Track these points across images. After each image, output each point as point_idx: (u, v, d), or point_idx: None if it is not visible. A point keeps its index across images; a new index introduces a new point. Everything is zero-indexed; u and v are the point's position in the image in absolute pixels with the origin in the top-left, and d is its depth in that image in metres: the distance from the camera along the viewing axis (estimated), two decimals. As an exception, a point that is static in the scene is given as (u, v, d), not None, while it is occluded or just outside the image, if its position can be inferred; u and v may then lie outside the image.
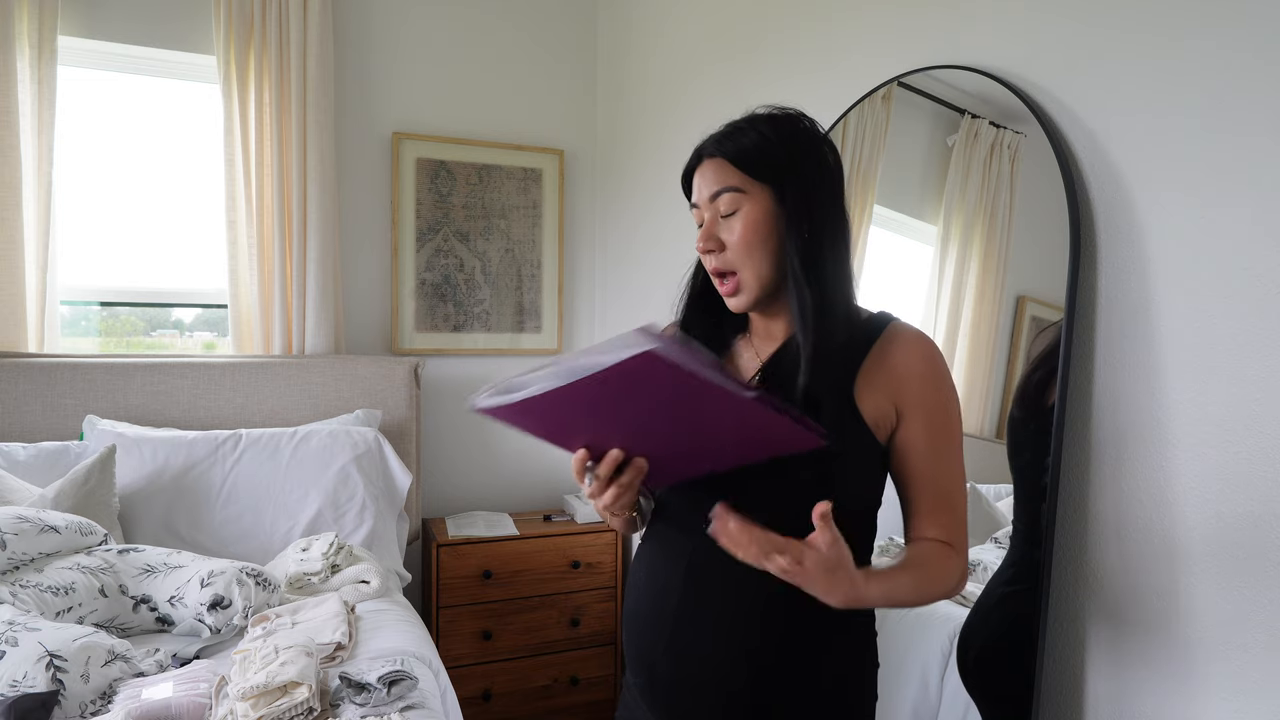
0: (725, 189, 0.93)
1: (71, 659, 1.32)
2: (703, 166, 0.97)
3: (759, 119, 0.96)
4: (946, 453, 0.93)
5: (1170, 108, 1.08)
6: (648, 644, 0.99)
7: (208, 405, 2.31)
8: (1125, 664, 1.14)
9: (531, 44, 2.86)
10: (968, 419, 1.41)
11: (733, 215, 0.93)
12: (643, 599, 1.01)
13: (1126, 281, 1.13)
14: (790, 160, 0.93)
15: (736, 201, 0.93)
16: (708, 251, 0.95)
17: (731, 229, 0.93)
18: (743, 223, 0.92)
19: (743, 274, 0.94)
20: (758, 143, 0.93)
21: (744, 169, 0.93)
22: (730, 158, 0.94)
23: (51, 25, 2.18)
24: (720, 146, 0.95)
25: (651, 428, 0.81)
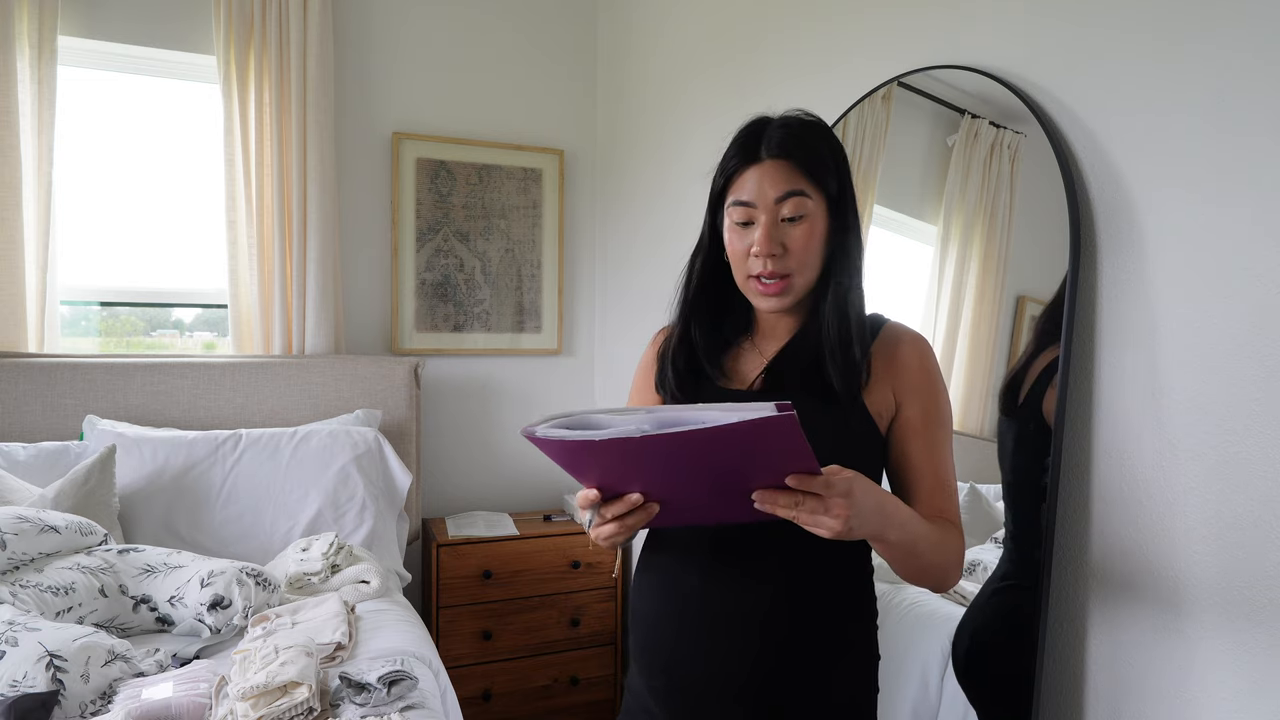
0: (794, 192, 0.92)
1: (71, 659, 1.32)
2: (764, 166, 0.94)
3: (804, 122, 0.96)
4: (943, 441, 0.98)
5: (1170, 107, 1.07)
6: (665, 646, 0.99)
7: (208, 405, 2.31)
8: (1125, 664, 1.14)
9: (531, 44, 2.86)
10: (968, 419, 1.41)
11: (797, 220, 0.93)
12: (657, 600, 1.01)
13: (1126, 281, 1.13)
14: (841, 173, 0.96)
15: (803, 207, 0.92)
16: (769, 255, 0.93)
17: (794, 234, 0.93)
18: (808, 230, 0.93)
19: (796, 278, 0.94)
20: (819, 150, 0.94)
21: (810, 175, 0.93)
22: (799, 162, 0.93)
23: (51, 25, 2.18)
24: (788, 149, 0.93)
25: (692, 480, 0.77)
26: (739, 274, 0.98)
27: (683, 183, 2.35)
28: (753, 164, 0.94)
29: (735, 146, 0.97)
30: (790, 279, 0.94)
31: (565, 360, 2.98)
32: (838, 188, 0.95)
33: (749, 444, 0.70)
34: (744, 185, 0.95)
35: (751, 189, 0.94)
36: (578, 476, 0.81)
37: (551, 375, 2.96)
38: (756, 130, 0.96)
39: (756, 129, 0.96)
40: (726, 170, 0.97)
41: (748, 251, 0.94)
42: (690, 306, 1.04)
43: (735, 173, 0.96)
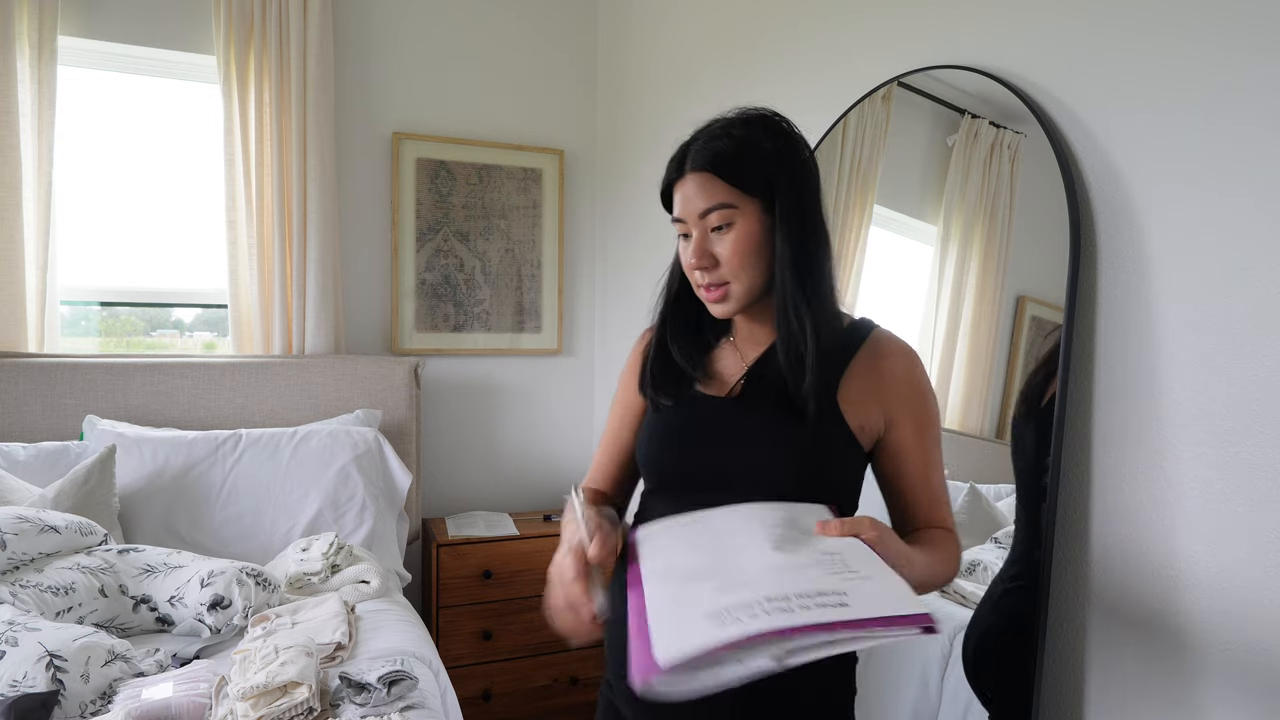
0: (716, 206, 0.91)
1: (71, 659, 1.32)
2: (685, 181, 0.94)
3: (736, 124, 0.94)
4: (937, 453, 0.98)
5: (1170, 107, 1.08)
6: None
7: (208, 405, 2.31)
8: (1126, 665, 1.14)
9: (531, 44, 2.86)
10: (968, 419, 1.41)
11: (724, 230, 0.92)
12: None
13: (1126, 281, 1.13)
14: (777, 169, 0.92)
15: (728, 217, 0.91)
16: (701, 268, 0.93)
17: (723, 244, 0.92)
18: (735, 239, 0.91)
19: (734, 286, 0.93)
20: (744, 153, 0.92)
21: (733, 183, 0.91)
22: (718, 172, 0.91)
23: (51, 25, 2.18)
24: (705, 160, 0.92)
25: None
26: (693, 282, 0.98)
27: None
28: (679, 179, 0.95)
29: (669, 162, 0.97)
30: (728, 286, 0.93)
31: (565, 360, 2.98)
32: (773, 190, 0.92)
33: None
34: (676, 201, 0.95)
35: (680, 205, 0.94)
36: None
37: (551, 375, 2.96)
38: (685, 145, 0.96)
39: (686, 143, 0.96)
40: (662, 186, 0.98)
41: (687, 264, 0.96)
42: (669, 310, 1.04)
43: (671, 187, 0.97)
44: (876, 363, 0.96)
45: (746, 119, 0.95)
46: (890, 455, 0.97)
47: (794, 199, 0.92)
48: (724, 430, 0.96)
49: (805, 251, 0.92)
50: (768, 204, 0.92)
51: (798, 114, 1.81)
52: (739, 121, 0.95)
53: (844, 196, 1.68)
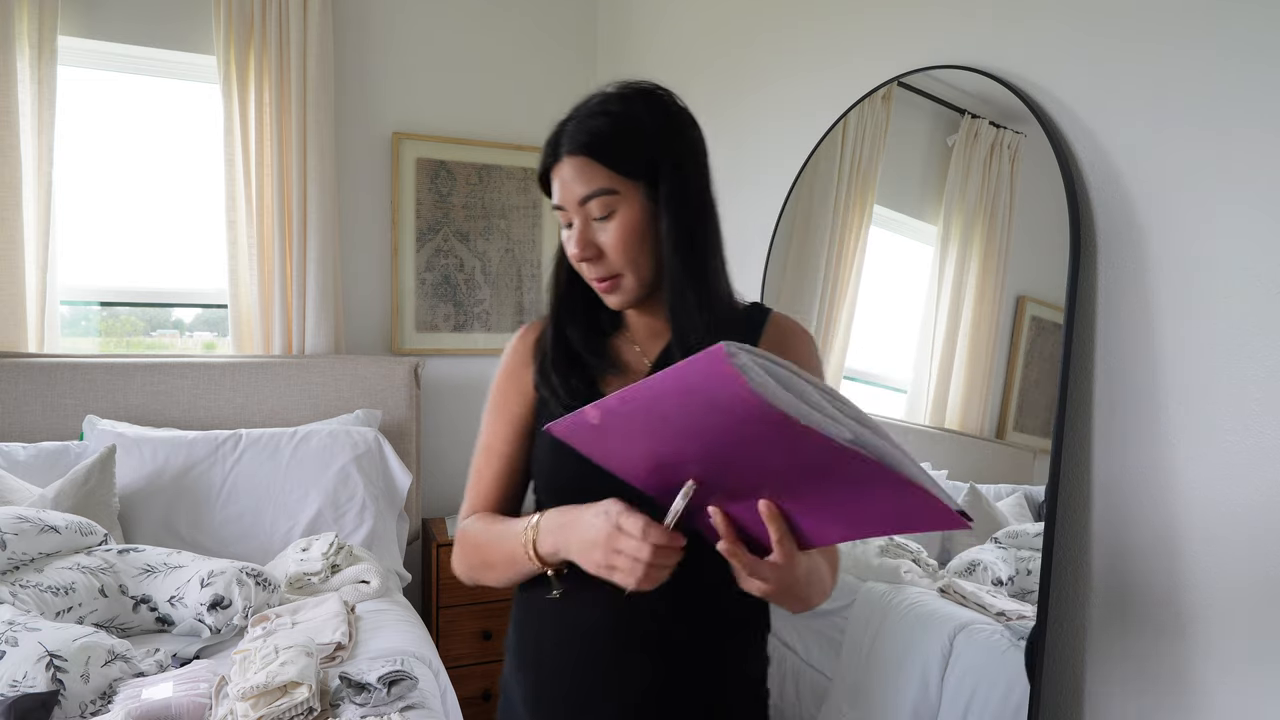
0: (596, 193, 0.84)
1: (71, 659, 1.32)
2: (562, 166, 0.86)
3: (614, 100, 0.87)
4: None
5: (1170, 107, 1.07)
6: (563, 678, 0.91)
7: (208, 405, 2.31)
8: (1126, 665, 1.14)
9: (531, 44, 2.86)
10: (967, 419, 1.41)
11: (607, 218, 0.85)
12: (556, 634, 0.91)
13: (1126, 281, 1.13)
14: (661, 150, 0.86)
15: (610, 204, 0.84)
16: (584, 260, 0.87)
17: (607, 232, 0.85)
18: (620, 226, 0.85)
19: (625, 278, 0.87)
20: (623, 134, 0.85)
21: (613, 167, 0.84)
22: (596, 156, 0.84)
23: (51, 25, 2.18)
24: (581, 142, 0.84)
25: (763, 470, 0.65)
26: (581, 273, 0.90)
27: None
28: (555, 164, 0.87)
29: (544, 144, 0.89)
30: (619, 278, 0.87)
31: (565, 360, 2.97)
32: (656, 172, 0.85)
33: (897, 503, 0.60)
34: (554, 188, 0.88)
35: (558, 192, 0.87)
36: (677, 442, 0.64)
37: (551, 375, 2.95)
38: (562, 124, 0.88)
39: (562, 122, 0.88)
40: (538, 172, 0.90)
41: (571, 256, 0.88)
42: (561, 303, 0.96)
43: (547, 173, 0.89)
44: (784, 345, 0.93)
45: (624, 94, 0.88)
46: None
47: (679, 181, 0.86)
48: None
49: (693, 237, 0.87)
50: (652, 187, 0.85)
51: (798, 114, 1.83)
52: (616, 97, 0.87)
53: (844, 196, 1.68)
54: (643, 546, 0.72)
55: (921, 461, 1.49)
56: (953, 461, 1.44)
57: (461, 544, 0.96)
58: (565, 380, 0.91)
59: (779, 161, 1.88)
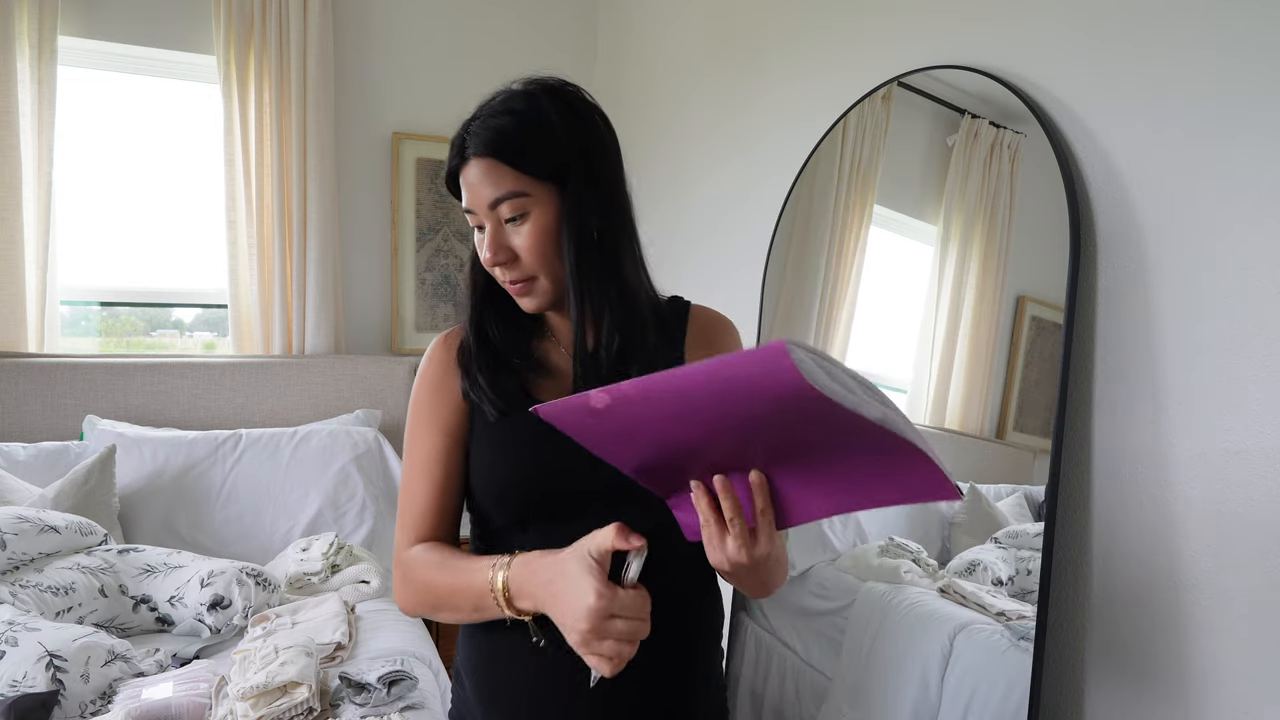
0: (505, 196, 0.81)
1: (71, 659, 1.32)
2: (469, 168, 0.83)
3: (518, 98, 0.84)
4: None
5: (1170, 107, 1.07)
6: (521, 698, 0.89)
7: (208, 405, 2.31)
8: (1126, 666, 1.14)
9: (531, 44, 2.86)
10: (967, 419, 1.41)
11: (519, 221, 0.82)
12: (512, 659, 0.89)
13: (1126, 281, 1.13)
14: (569, 149, 0.83)
15: (521, 206, 0.82)
16: (500, 264, 0.84)
17: (520, 235, 0.82)
18: (533, 231, 0.82)
19: (540, 281, 0.85)
20: (530, 134, 0.82)
21: (521, 169, 0.81)
22: (503, 158, 0.81)
23: (51, 25, 2.18)
24: (485, 143, 0.81)
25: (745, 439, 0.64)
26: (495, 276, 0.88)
27: (682, 181, 2.35)
28: (463, 165, 0.84)
29: (453, 141, 0.86)
30: (533, 281, 0.85)
31: (565, 360, 2.98)
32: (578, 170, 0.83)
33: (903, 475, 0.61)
34: (463, 190, 0.85)
35: (467, 195, 0.84)
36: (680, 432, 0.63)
37: (551, 375, 2.96)
38: (466, 125, 0.85)
39: (466, 123, 0.85)
40: (446, 174, 0.87)
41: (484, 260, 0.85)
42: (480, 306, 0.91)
43: (456, 173, 0.86)
44: (708, 338, 0.93)
45: (530, 92, 0.84)
46: None
47: (589, 181, 0.84)
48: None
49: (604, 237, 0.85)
50: (562, 187, 0.83)
51: (798, 114, 1.83)
52: (521, 95, 0.84)
53: (844, 196, 1.68)
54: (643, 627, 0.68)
55: (921, 461, 1.49)
56: (953, 461, 1.44)
57: (407, 579, 0.89)
58: (494, 384, 0.87)
59: (779, 161, 1.88)
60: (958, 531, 1.41)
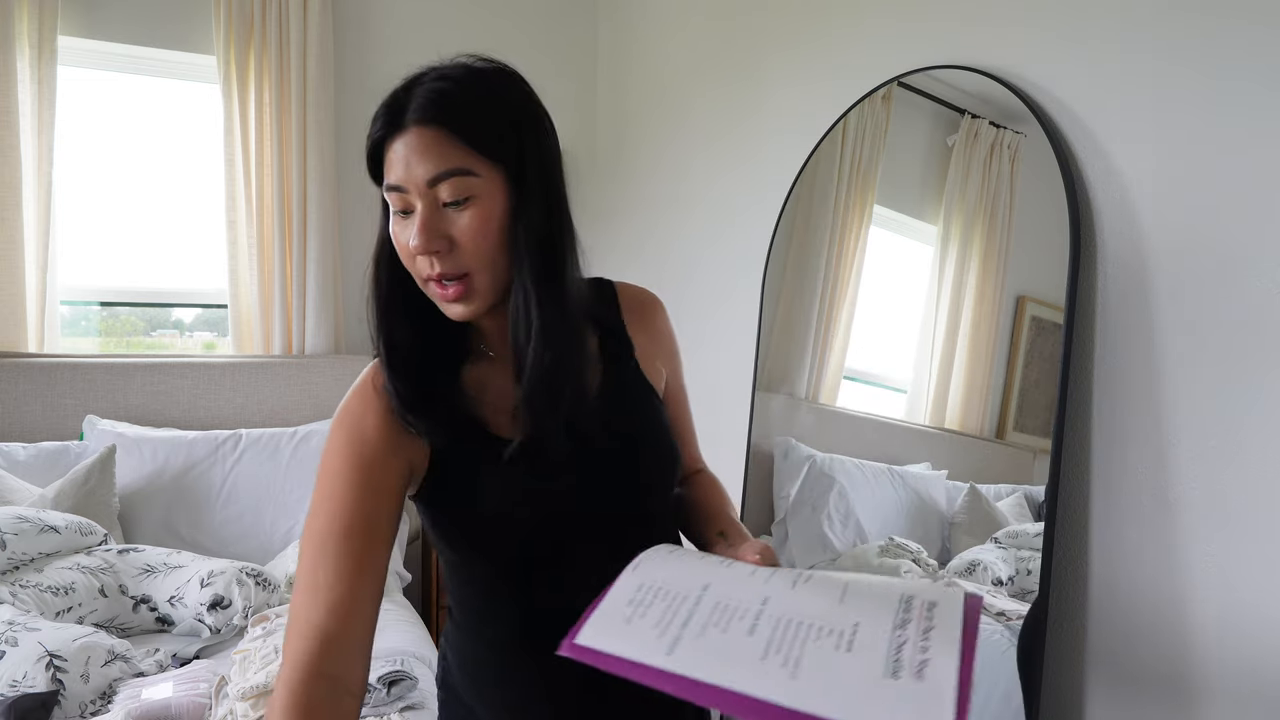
0: (451, 172, 0.69)
1: (71, 659, 1.32)
2: (406, 136, 0.70)
3: (473, 72, 0.73)
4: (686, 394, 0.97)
5: (1170, 107, 1.07)
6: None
7: (208, 405, 2.31)
8: (1126, 667, 1.14)
9: (531, 44, 2.86)
10: (967, 419, 1.41)
11: (460, 205, 0.70)
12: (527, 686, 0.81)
13: (1126, 281, 1.13)
14: (527, 135, 0.74)
15: (466, 188, 0.70)
16: (430, 252, 0.70)
17: (461, 223, 0.70)
18: (478, 216, 0.70)
19: (476, 279, 0.72)
20: (486, 108, 0.72)
21: (473, 144, 0.70)
22: (454, 128, 0.70)
23: (51, 25, 2.18)
24: (437, 111, 0.70)
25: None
26: (415, 277, 0.74)
27: (683, 181, 2.35)
28: (397, 134, 0.71)
29: (378, 110, 0.73)
30: (469, 279, 0.72)
31: (565, 360, 2.97)
32: (518, 155, 0.73)
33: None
34: (392, 163, 0.71)
35: (399, 169, 0.70)
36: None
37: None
38: (404, 88, 0.73)
39: (404, 86, 0.73)
40: (370, 142, 0.74)
41: (410, 248, 0.71)
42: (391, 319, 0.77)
43: (380, 146, 0.73)
44: (645, 320, 0.89)
45: (483, 70, 0.74)
46: (668, 406, 0.90)
47: (545, 173, 0.75)
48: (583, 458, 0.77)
49: (554, 236, 0.76)
50: (512, 176, 0.73)
51: (798, 114, 1.83)
52: (476, 71, 0.74)
53: (844, 196, 1.68)
54: None
55: (921, 461, 1.50)
56: (953, 461, 1.44)
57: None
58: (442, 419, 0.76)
59: (779, 162, 1.88)
60: (958, 531, 1.41)
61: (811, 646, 0.52)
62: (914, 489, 1.50)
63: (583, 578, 0.70)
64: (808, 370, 1.76)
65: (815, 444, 1.72)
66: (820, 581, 0.60)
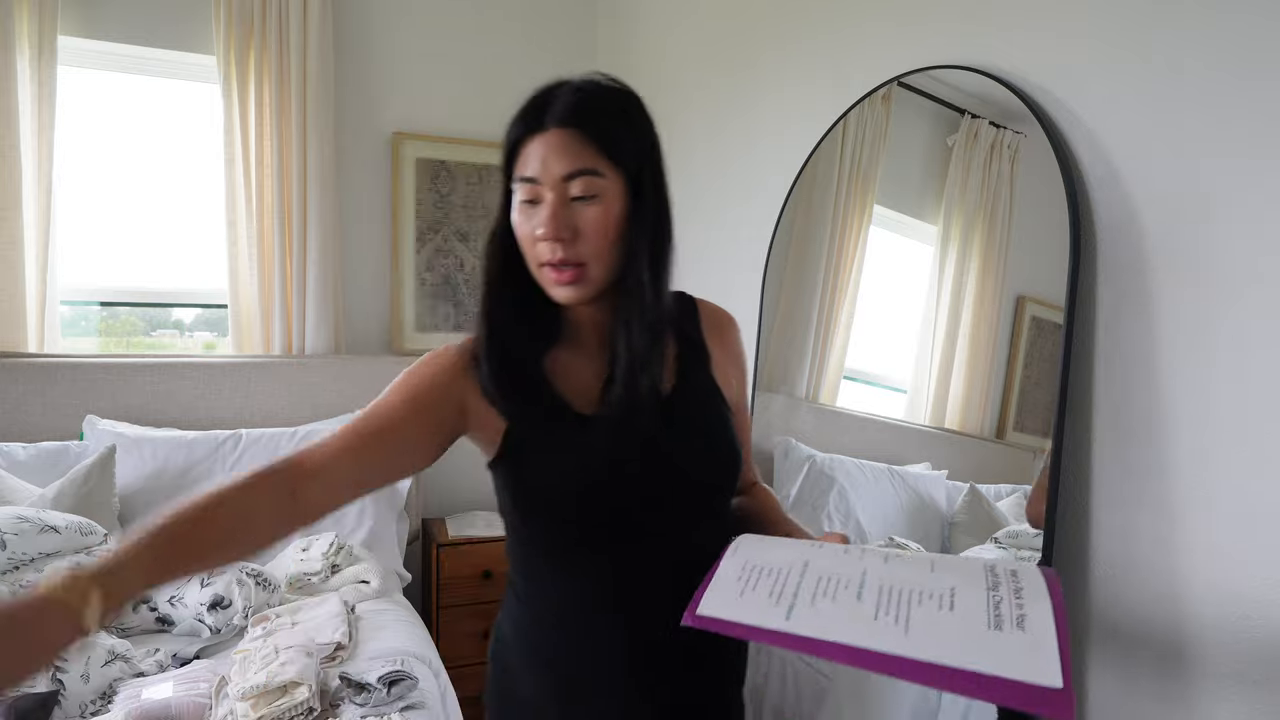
0: (583, 171, 0.79)
1: (71, 659, 1.32)
2: (548, 136, 0.80)
3: (607, 89, 0.84)
4: (748, 412, 1.04)
5: (1170, 107, 1.07)
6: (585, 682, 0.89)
7: (208, 405, 2.31)
8: (1126, 664, 1.14)
9: (531, 43, 2.86)
10: (967, 419, 1.41)
11: (588, 201, 0.80)
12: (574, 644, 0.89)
13: (1126, 281, 1.13)
14: (645, 149, 0.84)
15: (594, 186, 0.80)
16: (556, 239, 0.80)
17: (587, 217, 0.80)
18: (601, 213, 0.80)
19: (591, 267, 0.81)
20: (619, 120, 0.83)
21: (606, 150, 0.80)
22: (591, 133, 0.80)
23: (51, 25, 2.18)
24: (579, 116, 0.80)
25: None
26: (531, 261, 0.84)
27: (683, 180, 2.35)
28: (537, 133, 0.81)
29: (520, 112, 0.84)
30: (585, 267, 0.81)
31: (565, 360, 2.97)
32: (639, 167, 0.83)
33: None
34: (528, 159, 0.81)
35: (535, 164, 0.80)
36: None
37: (551, 375, 2.95)
38: (544, 95, 0.83)
39: (544, 94, 0.83)
40: (510, 139, 0.84)
41: (535, 235, 0.81)
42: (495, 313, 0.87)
43: (519, 143, 0.83)
44: (721, 335, 0.97)
45: (614, 88, 0.85)
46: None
47: (658, 187, 0.86)
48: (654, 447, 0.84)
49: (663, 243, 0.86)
50: (631, 184, 0.82)
51: (798, 114, 1.83)
52: (608, 88, 0.84)
53: (844, 196, 1.68)
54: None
55: (921, 461, 1.50)
56: (953, 461, 1.44)
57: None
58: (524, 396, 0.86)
59: (779, 162, 1.88)
60: (957, 531, 1.41)
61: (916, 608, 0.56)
62: (914, 489, 1.50)
63: (645, 556, 0.83)
64: (808, 370, 1.76)
65: (815, 444, 1.72)
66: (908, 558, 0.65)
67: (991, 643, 0.53)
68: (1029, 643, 0.52)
